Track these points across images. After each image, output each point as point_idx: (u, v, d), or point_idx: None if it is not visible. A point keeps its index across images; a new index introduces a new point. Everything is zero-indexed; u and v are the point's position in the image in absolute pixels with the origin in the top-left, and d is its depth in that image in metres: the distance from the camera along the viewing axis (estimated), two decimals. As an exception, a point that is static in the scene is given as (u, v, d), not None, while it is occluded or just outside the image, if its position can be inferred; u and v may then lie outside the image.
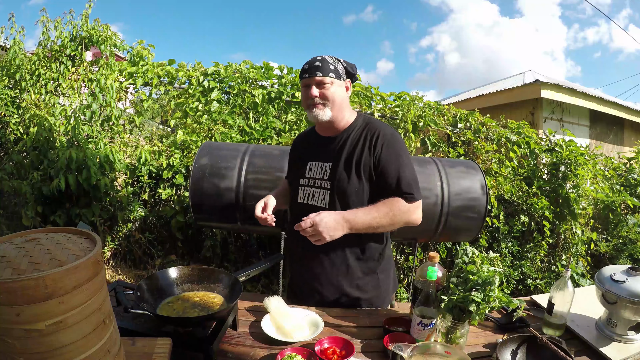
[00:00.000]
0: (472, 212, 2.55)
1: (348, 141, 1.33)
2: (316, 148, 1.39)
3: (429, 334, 1.05)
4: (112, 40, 3.74)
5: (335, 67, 1.31)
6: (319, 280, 1.35)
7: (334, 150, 1.34)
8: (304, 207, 1.35)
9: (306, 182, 1.37)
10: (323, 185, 1.33)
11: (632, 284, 1.08)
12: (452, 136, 3.65)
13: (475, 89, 8.87)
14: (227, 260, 3.33)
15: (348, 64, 1.35)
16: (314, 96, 1.28)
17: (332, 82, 1.29)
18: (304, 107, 1.36)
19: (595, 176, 3.74)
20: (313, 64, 1.29)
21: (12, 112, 3.45)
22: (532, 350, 1.05)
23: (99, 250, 0.65)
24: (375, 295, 1.37)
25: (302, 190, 1.38)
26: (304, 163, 1.40)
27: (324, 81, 1.28)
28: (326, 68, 1.29)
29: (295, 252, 1.42)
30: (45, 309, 0.57)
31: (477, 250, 1.05)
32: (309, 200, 1.35)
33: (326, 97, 1.29)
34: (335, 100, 1.30)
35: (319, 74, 1.28)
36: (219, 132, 3.36)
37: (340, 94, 1.32)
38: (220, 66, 3.81)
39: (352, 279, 1.34)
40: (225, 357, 1.01)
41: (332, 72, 1.29)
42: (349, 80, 1.37)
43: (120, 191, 3.36)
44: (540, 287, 3.30)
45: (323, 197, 1.32)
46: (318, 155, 1.37)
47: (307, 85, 1.31)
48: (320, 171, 1.34)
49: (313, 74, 1.28)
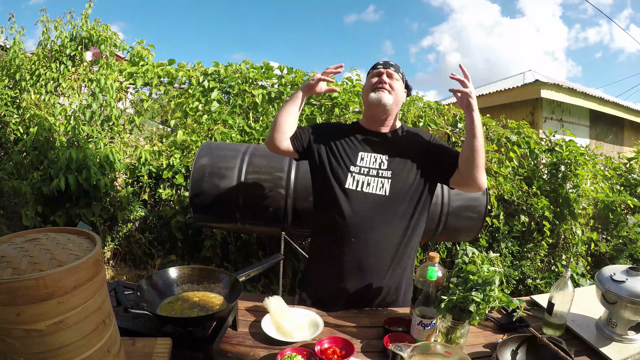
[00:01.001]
0: (472, 212, 2.55)
1: (401, 139, 1.45)
2: (365, 140, 1.45)
3: (429, 334, 1.05)
4: (112, 40, 3.73)
5: (401, 74, 1.45)
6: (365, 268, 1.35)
7: (389, 144, 1.43)
8: (358, 194, 1.37)
9: (357, 169, 1.40)
10: (381, 174, 1.38)
11: (632, 284, 1.08)
12: (452, 136, 3.65)
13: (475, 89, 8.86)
14: (227, 260, 3.33)
15: (407, 81, 1.50)
16: (385, 81, 1.39)
17: (399, 79, 1.43)
18: (367, 92, 1.43)
19: (595, 176, 3.74)
20: (388, 62, 1.44)
21: (12, 112, 3.44)
22: (532, 350, 1.05)
23: (99, 250, 0.65)
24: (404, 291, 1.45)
25: (352, 177, 1.39)
26: (353, 153, 1.43)
27: (394, 75, 1.41)
28: (397, 69, 1.43)
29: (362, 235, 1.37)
30: (45, 309, 0.57)
31: (477, 250, 1.05)
32: (364, 188, 1.37)
33: (393, 87, 1.40)
34: (398, 94, 1.41)
35: (392, 69, 1.41)
36: (219, 132, 3.36)
37: (402, 93, 1.45)
38: (220, 66, 3.80)
39: (399, 268, 1.40)
40: (225, 357, 1.01)
41: (400, 75, 1.44)
42: (405, 90, 1.49)
43: (120, 191, 3.36)
44: (540, 287, 3.30)
45: (382, 186, 1.37)
46: (369, 147, 1.43)
47: (378, 73, 1.41)
48: (374, 161, 1.40)
49: (387, 67, 1.41)
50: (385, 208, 1.35)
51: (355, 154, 1.42)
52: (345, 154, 1.43)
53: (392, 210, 1.35)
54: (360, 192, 1.37)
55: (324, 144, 1.47)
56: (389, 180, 1.37)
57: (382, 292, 1.38)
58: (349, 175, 1.39)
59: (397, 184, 1.36)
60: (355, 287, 1.36)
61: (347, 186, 1.38)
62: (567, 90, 6.22)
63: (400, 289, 1.42)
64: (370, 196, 1.36)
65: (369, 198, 1.35)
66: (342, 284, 1.36)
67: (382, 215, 1.34)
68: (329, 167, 1.42)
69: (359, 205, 1.35)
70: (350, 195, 1.37)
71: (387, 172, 1.38)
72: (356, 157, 1.42)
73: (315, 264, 1.50)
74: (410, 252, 1.43)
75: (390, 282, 1.38)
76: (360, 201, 1.36)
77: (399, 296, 1.42)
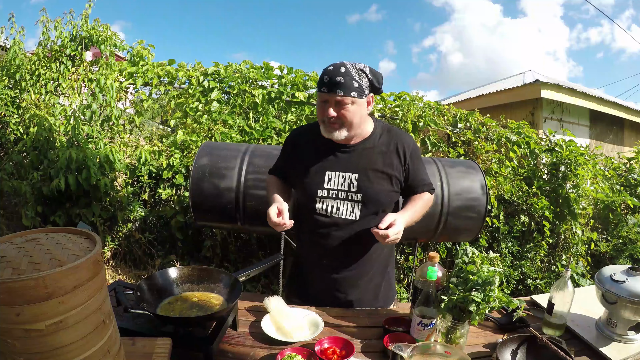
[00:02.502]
0: (472, 212, 2.55)
1: (373, 151, 1.29)
2: (332, 157, 1.30)
3: (429, 334, 1.05)
4: (112, 40, 3.73)
5: (360, 82, 1.19)
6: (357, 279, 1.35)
7: (358, 160, 1.28)
8: (328, 219, 1.29)
9: (326, 193, 1.28)
10: (351, 197, 1.27)
11: (632, 284, 1.08)
12: (452, 136, 3.65)
13: (475, 89, 8.87)
14: (227, 260, 3.33)
15: (374, 75, 1.23)
16: (331, 116, 1.20)
17: (353, 102, 1.19)
18: (319, 120, 1.27)
19: (595, 176, 3.74)
20: (335, 78, 1.17)
21: (12, 112, 3.45)
22: (532, 350, 1.05)
23: (99, 250, 0.65)
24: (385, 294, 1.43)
25: (321, 202, 1.29)
26: (319, 172, 1.30)
27: (344, 101, 1.18)
28: (349, 86, 1.17)
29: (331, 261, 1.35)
30: (45, 309, 0.57)
31: (477, 250, 1.05)
32: (334, 213, 1.28)
33: (344, 118, 1.20)
34: (354, 121, 1.22)
35: (340, 93, 1.17)
36: (219, 132, 3.36)
37: (361, 113, 1.23)
38: (220, 66, 3.81)
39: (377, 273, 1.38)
40: (225, 357, 1.01)
41: (354, 90, 1.18)
42: (372, 95, 1.26)
43: (120, 191, 3.36)
44: (540, 287, 3.30)
45: (352, 210, 1.27)
46: (337, 164, 1.29)
47: (325, 100, 1.21)
48: (343, 182, 1.28)
49: (333, 92, 1.17)
50: (357, 232, 1.28)
51: (322, 174, 1.29)
52: (313, 175, 1.30)
53: (363, 233, 1.27)
54: (329, 217, 1.29)
55: (293, 163, 1.37)
56: (359, 204, 1.27)
57: (359, 303, 1.36)
58: (317, 200, 1.29)
59: (369, 207, 1.28)
60: (330, 301, 1.34)
61: (319, 212, 1.30)
62: (567, 90, 6.22)
63: (380, 291, 1.40)
64: (339, 221, 1.28)
65: (339, 223, 1.28)
66: (318, 299, 1.35)
67: (352, 238, 1.28)
68: (300, 187, 1.34)
69: (329, 231, 1.29)
70: (320, 221, 1.30)
71: (357, 196, 1.27)
72: (323, 177, 1.29)
73: (297, 268, 1.48)
74: (387, 258, 1.41)
75: (371, 288, 1.37)
76: (329, 227, 1.29)
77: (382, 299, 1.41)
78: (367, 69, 1.23)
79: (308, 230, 1.35)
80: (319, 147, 1.32)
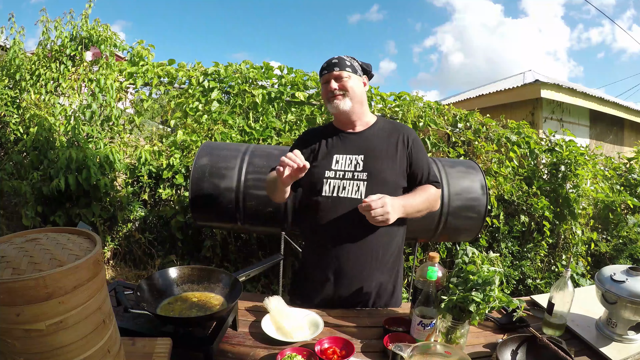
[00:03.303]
0: (472, 212, 2.55)
1: (377, 136, 1.39)
2: (339, 141, 1.40)
3: (429, 334, 1.05)
4: (112, 40, 3.73)
5: (352, 63, 1.38)
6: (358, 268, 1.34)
7: (364, 143, 1.38)
8: (334, 200, 1.33)
9: (333, 174, 1.35)
10: (357, 176, 1.33)
11: (632, 284, 1.08)
12: (452, 136, 3.65)
13: (475, 89, 8.87)
14: (227, 260, 3.33)
15: (364, 63, 1.42)
16: (334, 89, 1.34)
17: (349, 76, 1.35)
18: (325, 102, 1.41)
19: (595, 176, 3.74)
20: (331, 61, 1.37)
21: (12, 112, 3.44)
22: (532, 350, 1.05)
23: (99, 250, 0.65)
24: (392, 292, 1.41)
25: (327, 183, 1.35)
26: (328, 156, 1.38)
27: (341, 75, 1.35)
28: (343, 64, 1.36)
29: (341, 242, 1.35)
30: (45, 309, 0.57)
31: (477, 250, 1.05)
32: (339, 193, 1.33)
33: (345, 88, 1.35)
34: (355, 91, 1.36)
35: (336, 69, 1.35)
36: (219, 132, 3.36)
37: (359, 87, 1.38)
38: (220, 66, 3.81)
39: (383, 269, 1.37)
40: (225, 357, 1.01)
41: (349, 67, 1.36)
42: (365, 76, 1.43)
43: (120, 191, 3.36)
44: (540, 287, 3.30)
45: (357, 189, 1.32)
46: (344, 148, 1.38)
47: (326, 81, 1.37)
48: (350, 163, 1.35)
49: (331, 70, 1.35)
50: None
51: (330, 158, 1.38)
52: (321, 159, 1.39)
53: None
54: (335, 197, 1.33)
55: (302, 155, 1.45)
56: (365, 182, 1.32)
57: (368, 295, 1.36)
58: (324, 182, 1.35)
59: (374, 186, 1.31)
60: (338, 293, 1.34)
61: (324, 193, 1.35)
62: (567, 90, 6.22)
63: (385, 290, 1.38)
64: (346, 201, 1.32)
65: (345, 203, 1.32)
66: (326, 290, 1.35)
67: (359, 220, 1.27)
68: (308, 174, 1.35)
69: (335, 212, 1.33)
70: (326, 203, 1.34)
71: (363, 174, 1.33)
72: (331, 160, 1.37)
73: (302, 270, 1.49)
74: (395, 251, 1.40)
75: (375, 284, 1.36)
76: (335, 207, 1.33)
77: (386, 297, 1.39)
78: (356, 58, 1.43)
79: (313, 218, 1.37)
80: (328, 136, 1.43)
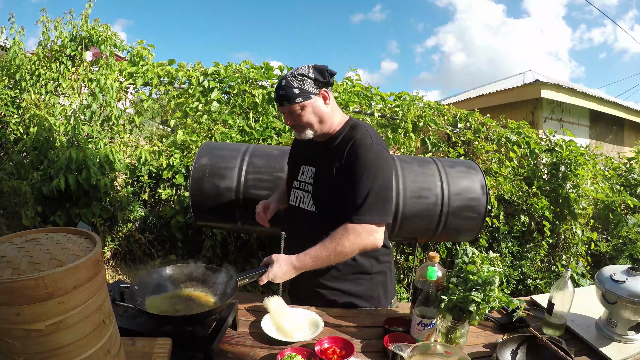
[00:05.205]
0: (472, 212, 2.55)
1: (332, 147, 1.32)
2: (309, 151, 1.41)
3: (429, 334, 1.05)
4: (112, 40, 3.73)
5: (301, 87, 1.23)
6: (317, 278, 1.35)
7: (320, 155, 1.36)
8: (296, 210, 1.38)
9: (297, 184, 1.40)
10: (308, 188, 1.35)
11: (632, 284, 1.08)
12: (452, 136, 3.65)
13: (475, 89, 8.87)
14: (227, 260, 3.33)
15: (319, 71, 1.25)
16: (290, 124, 1.30)
17: (302, 107, 1.24)
18: None
19: (595, 176, 3.74)
20: (279, 93, 1.25)
21: (12, 112, 3.44)
22: (532, 350, 1.05)
23: (99, 250, 0.65)
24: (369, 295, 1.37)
25: (293, 193, 1.40)
26: (298, 165, 1.42)
27: (292, 110, 1.25)
28: (291, 95, 1.22)
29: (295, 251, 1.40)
30: (45, 309, 0.57)
31: (477, 250, 1.05)
32: (300, 203, 1.37)
33: (300, 122, 1.27)
34: (311, 121, 1.27)
35: (285, 104, 1.24)
36: (219, 132, 3.36)
37: (316, 112, 1.26)
38: (220, 66, 3.81)
39: (346, 278, 1.34)
40: (225, 357, 1.01)
41: (298, 96, 1.22)
42: (324, 90, 1.27)
43: (120, 191, 3.36)
44: (540, 287, 3.30)
45: (309, 201, 1.34)
46: (309, 158, 1.39)
47: (282, 112, 1.32)
48: (309, 175, 1.36)
49: (282, 105, 1.26)
50: (315, 224, 1.30)
51: (298, 168, 1.41)
52: (292, 168, 1.45)
53: (321, 226, 1.26)
54: (296, 207, 1.38)
55: (288, 161, 1.52)
56: (310, 195, 1.34)
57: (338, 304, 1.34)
58: (292, 192, 1.41)
59: (318, 200, 1.31)
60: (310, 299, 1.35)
61: (291, 202, 1.41)
62: (567, 90, 6.22)
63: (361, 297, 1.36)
64: (303, 212, 1.35)
65: (302, 214, 1.35)
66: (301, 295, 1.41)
67: (312, 231, 1.27)
68: (286, 184, 1.46)
69: (295, 222, 1.38)
70: (292, 212, 1.40)
71: (310, 187, 1.35)
72: (298, 171, 1.41)
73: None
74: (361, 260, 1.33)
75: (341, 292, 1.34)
76: (297, 217, 1.37)
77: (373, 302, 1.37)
78: (309, 69, 1.25)
79: (285, 225, 1.43)
80: (305, 144, 1.42)
